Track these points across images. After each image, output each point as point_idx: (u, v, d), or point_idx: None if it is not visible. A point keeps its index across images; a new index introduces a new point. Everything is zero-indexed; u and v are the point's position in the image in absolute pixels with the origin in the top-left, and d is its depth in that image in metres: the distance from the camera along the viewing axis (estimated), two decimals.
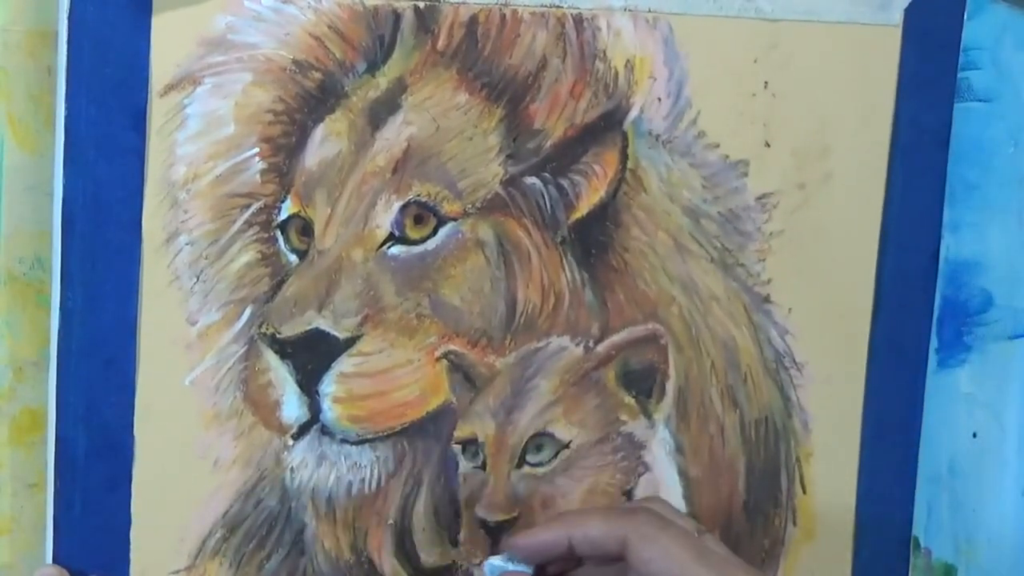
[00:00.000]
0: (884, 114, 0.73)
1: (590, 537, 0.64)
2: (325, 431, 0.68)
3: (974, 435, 0.79)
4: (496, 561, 0.66)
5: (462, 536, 0.70)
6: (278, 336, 0.66)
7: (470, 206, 0.68)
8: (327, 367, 0.67)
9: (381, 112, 0.66)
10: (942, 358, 0.78)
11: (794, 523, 0.75)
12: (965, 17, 0.73)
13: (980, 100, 0.76)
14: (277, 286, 0.67)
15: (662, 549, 0.62)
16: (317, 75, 0.65)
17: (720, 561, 0.63)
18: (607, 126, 0.69)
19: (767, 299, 0.73)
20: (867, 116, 0.73)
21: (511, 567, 0.65)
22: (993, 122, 0.76)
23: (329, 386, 0.67)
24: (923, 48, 0.73)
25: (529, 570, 0.65)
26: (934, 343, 0.77)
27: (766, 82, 0.71)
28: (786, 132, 0.72)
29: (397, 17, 0.66)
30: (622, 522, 0.64)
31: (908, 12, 0.72)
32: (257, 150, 0.65)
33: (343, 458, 0.68)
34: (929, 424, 0.77)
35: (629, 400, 0.72)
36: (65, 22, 0.62)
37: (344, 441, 0.68)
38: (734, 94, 0.71)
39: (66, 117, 0.63)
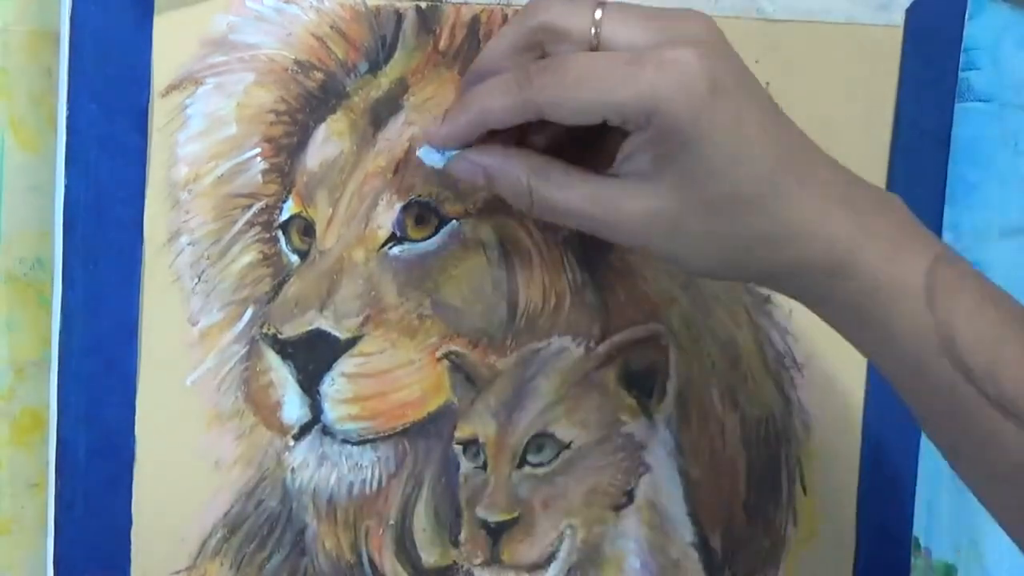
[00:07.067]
0: (885, 115, 0.73)
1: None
2: (326, 431, 0.67)
3: None
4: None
5: (463, 536, 0.70)
6: (279, 336, 0.66)
7: (471, 206, 0.68)
8: (328, 367, 0.67)
9: (383, 112, 0.66)
10: None
11: (795, 524, 0.75)
12: (967, 17, 0.73)
13: (980, 100, 0.76)
14: (278, 286, 0.66)
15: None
16: (319, 75, 0.65)
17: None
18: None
19: (768, 300, 0.73)
20: (868, 117, 0.73)
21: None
22: (993, 122, 0.76)
23: (330, 386, 0.67)
24: (924, 49, 0.72)
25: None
26: None
27: (768, 82, 0.70)
28: None
29: (399, 17, 0.66)
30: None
31: (909, 13, 0.72)
32: (259, 150, 0.65)
33: (344, 458, 0.68)
34: None
35: (630, 400, 0.72)
36: (67, 22, 0.62)
37: (345, 441, 0.68)
38: None
39: (67, 117, 0.63)
